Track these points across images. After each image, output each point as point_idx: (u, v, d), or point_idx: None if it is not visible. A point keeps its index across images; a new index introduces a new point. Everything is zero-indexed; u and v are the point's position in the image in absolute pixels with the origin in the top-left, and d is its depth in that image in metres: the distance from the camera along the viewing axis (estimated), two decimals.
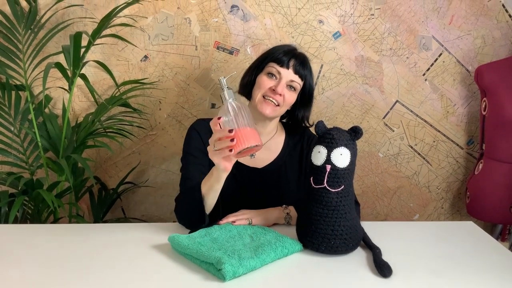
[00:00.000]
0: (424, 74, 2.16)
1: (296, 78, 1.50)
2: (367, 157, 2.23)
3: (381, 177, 2.26)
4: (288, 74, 1.49)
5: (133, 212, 2.24)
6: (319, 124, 1.29)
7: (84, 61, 1.91)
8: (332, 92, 2.16)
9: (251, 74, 1.56)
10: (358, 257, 1.26)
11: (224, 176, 1.29)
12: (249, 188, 1.57)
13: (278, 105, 1.49)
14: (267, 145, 1.59)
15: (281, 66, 1.49)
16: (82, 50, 1.83)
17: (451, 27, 2.10)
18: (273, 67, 1.50)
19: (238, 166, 1.55)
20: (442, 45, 2.12)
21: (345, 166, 1.24)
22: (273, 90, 1.48)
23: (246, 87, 1.58)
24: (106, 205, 2.08)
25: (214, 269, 1.14)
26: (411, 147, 2.23)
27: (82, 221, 1.69)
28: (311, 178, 1.27)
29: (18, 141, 2.00)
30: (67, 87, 1.94)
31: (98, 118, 1.93)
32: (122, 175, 2.15)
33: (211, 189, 1.34)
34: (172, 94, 2.13)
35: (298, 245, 1.28)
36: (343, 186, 1.24)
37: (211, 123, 1.22)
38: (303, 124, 1.63)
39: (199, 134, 1.56)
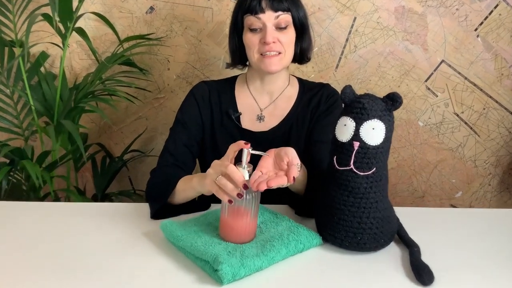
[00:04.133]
0: (476, 30, 1.84)
1: (280, 15, 1.25)
2: (405, 126, 1.94)
3: (420, 149, 1.98)
4: (268, 17, 1.24)
5: (141, 183, 2.05)
6: (346, 90, 1.02)
7: (81, 12, 1.67)
8: (366, 50, 1.87)
9: (233, 38, 1.34)
10: (391, 256, 1.02)
11: (204, 192, 1.09)
12: (256, 157, 1.34)
13: (280, 53, 1.25)
14: (276, 102, 1.36)
15: (256, 13, 1.24)
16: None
17: None
18: (250, 19, 1.26)
19: (240, 131, 1.33)
20: None
21: (378, 143, 0.98)
22: (264, 42, 1.24)
23: (237, 54, 1.35)
24: (110, 174, 1.88)
25: (210, 269, 0.93)
26: (457, 115, 1.93)
27: (75, 197, 1.50)
28: (335, 157, 1.01)
29: (12, 104, 1.80)
30: (61, 43, 1.72)
31: (98, 78, 1.71)
32: (128, 142, 1.95)
33: (185, 195, 1.16)
34: (182, 51, 1.88)
35: (316, 238, 1.04)
36: (374, 169, 0.98)
37: (232, 147, 1.02)
38: (304, 59, 1.36)
39: (197, 103, 1.33)
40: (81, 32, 1.69)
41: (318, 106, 1.34)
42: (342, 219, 1.01)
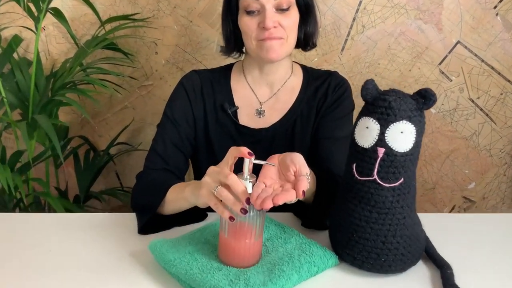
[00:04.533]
0: (495, 7, 1.68)
1: None
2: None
3: (432, 137, 1.83)
4: None
5: (129, 178, 1.89)
6: (368, 85, 0.86)
7: None
8: (375, 30, 1.69)
9: (227, 22, 1.16)
10: (419, 277, 0.89)
11: (198, 204, 0.91)
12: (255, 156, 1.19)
13: (282, 38, 1.07)
14: (278, 94, 1.19)
15: None
16: None
17: None
18: (246, 0, 1.07)
19: (237, 128, 1.18)
20: None
21: (407, 149, 0.82)
22: (263, 27, 1.06)
23: (232, 40, 1.17)
24: (95, 170, 1.71)
25: None
26: (472, 101, 1.78)
27: (53, 201, 1.33)
28: (354, 165, 0.85)
29: None
30: (33, 26, 1.52)
31: (76, 64, 1.52)
32: (114, 134, 1.77)
33: (177, 206, 1.00)
34: (171, 33, 1.70)
35: (331, 258, 0.89)
36: (402, 179, 0.83)
37: (232, 152, 0.85)
38: (309, 44, 1.18)
39: (188, 96, 1.16)
40: (56, 12, 1.50)
41: (325, 98, 1.17)
42: (363, 238, 0.86)
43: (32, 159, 1.43)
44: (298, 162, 0.83)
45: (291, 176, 0.83)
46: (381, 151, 0.82)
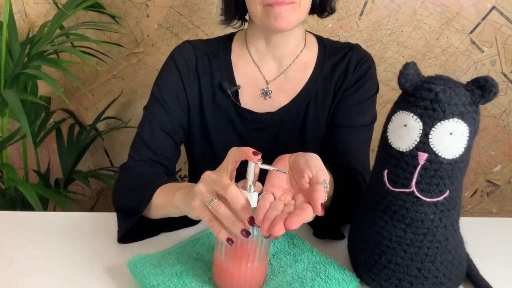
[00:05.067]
0: None
1: None
2: None
3: None
4: None
5: (120, 156, 1.71)
6: (409, 70, 0.66)
7: None
8: None
9: None
10: None
11: (190, 216, 0.72)
12: (259, 146, 0.99)
13: (294, 3, 0.87)
14: (288, 72, 0.99)
15: None
16: None
17: None
18: None
19: (238, 112, 0.99)
20: None
21: (457, 155, 0.64)
22: None
23: (232, 5, 0.96)
24: (81, 147, 1.53)
25: None
26: (505, 75, 1.58)
27: (25, 189, 1.15)
28: (385, 171, 0.67)
29: None
30: None
31: (55, 28, 1.32)
32: (102, 108, 1.58)
33: (164, 212, 0.82)
34: None
35: (352, 282, 0.72)
36: (447, 193, 0.65)
37: (233, 155, 0.65)
38: (326, 10, 0.97)
39: (179, 72, 0.97)
40: None
41: (344, 77, 0.97)
42: (393, 262, 0.69)
43: (4, 139, 1.25)
44: (315, 166, 0.64)
45: (305, 183, 0.64)
46: (422, 156, 0.63)
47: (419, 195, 0.65)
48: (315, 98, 0.98)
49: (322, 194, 0.60)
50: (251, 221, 0.60)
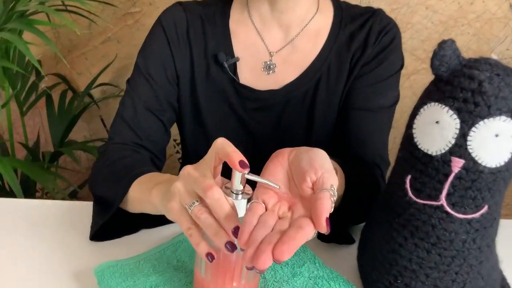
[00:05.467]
0: None
1: None
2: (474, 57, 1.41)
3: None
4: None
5: None
6: (445, 50, 0.52)
7: None
8: None
9: None
10: None
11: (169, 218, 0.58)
12: (259, 129, 0.86)
13: None
14: (296, 42, 0.83)
15: None
16: None
17: None
18: None
19: (236, 89, 0.85)
20: None
21: (501, 163, 0.50)
22: None
23: None
24: (73, 114, 1.41)
25: None
26: None
27: (3, 168, 1.04)
28: (408, 177, 0.53)
29: None
30: None
31: None
32: (96, 72, 1.45)
33: (142, 208, 0.68)
34: None
35: None
36: (485, 208, 0.52)
37: (216, 150, 0.51)
38: None
39: (168, 40, 0.83)
40: None
41: (363, 49, 0.82)
42: (412, 287, 0.56)
43: None
44: (321, 166, 0.50)
45: (307, 189, 0.50)
46: (457, 163, 0.49)
47: (449, 209, 0.51)
48: (328, 74, 0.83)
49: (328, 205, 0.46)
50: (236, 231, 0.47)
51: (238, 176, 0.50)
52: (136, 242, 0.72)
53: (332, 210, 0.46)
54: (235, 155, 0.48)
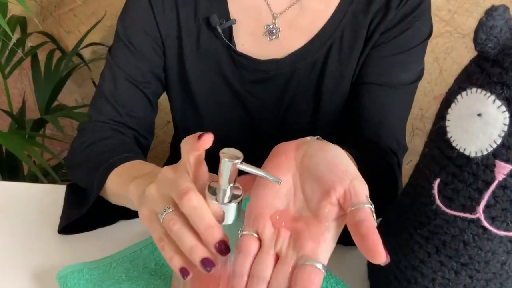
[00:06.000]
0: None
1: None
2: None
3: None
4: None
5: None
6: (496, 20, 0.39)
7: None
8: None
9: None
10: None
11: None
12: (259, 106, 0.75)
13: None
14: (304, 2, 0.71)
15: None
16: None
17: None
18: None
19: (232, 58, 0.72)
20: None
21: None
22: None
23: None
24: (59, 77, 1.30)
25: None
26: None
27: None
28: (436, 181, 0.42)
29: None
30: None
31: None
32: (85, 30, 1.33)
33: (118, 201, 0.59)
34: None
35: None
36: None
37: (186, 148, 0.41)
38: None
39: (149, 1, 0.70)
40: None
41: (385, 12, 0.68)
42: None
43: None
44: (345, 172, 0.38)
45: (329, 206, 0.37)
46: (503, 169, 0.38)
47: (487, 225, 0.41)
48: (340, 41, 0.70)
49: (374, 224, 0.35)
50: (220, 246, 0.37)
51: (226, 169, 0.39)
52: (112, 236, 0.62)
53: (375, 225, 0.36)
54: (193, 137, 0.38)
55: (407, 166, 1.15)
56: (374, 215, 0.36)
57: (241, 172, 0.40)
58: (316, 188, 0.38)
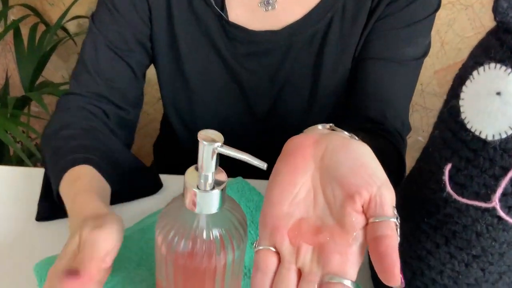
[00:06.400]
0: None
1: None
2: None
3: None
4: None
5: None
6: None
7: None
8: None
9: None
10: None
11: None
12: (251, 82, 0.70)
13: None
14: None
15: None
16: None
17: None
18: None
19: (225, 29, 0.67)
20: None
21: None
22: None
23: None
24: (43, 52, 1.24)
25: None
26: None
27: None
28: (448, 166, 0.38)
29: None
30: None
31: None
32: (69, 3, 1.26)
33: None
34: None
35: None
36: None
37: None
38: None
39: None
40: None
41: None
42: None
43: None
44: (373, 175, 0.33)
45: (353, 213, 0.32)
46: None
47: (503, 215, 0.37)
48: (342, 13, 0.65)
49: (396, 244, 0.31)
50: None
51: (206, 154, 0.35)
52: None
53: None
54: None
55: None
56: (399, 231, 0.32)
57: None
58: (337, 192, 0.34)
